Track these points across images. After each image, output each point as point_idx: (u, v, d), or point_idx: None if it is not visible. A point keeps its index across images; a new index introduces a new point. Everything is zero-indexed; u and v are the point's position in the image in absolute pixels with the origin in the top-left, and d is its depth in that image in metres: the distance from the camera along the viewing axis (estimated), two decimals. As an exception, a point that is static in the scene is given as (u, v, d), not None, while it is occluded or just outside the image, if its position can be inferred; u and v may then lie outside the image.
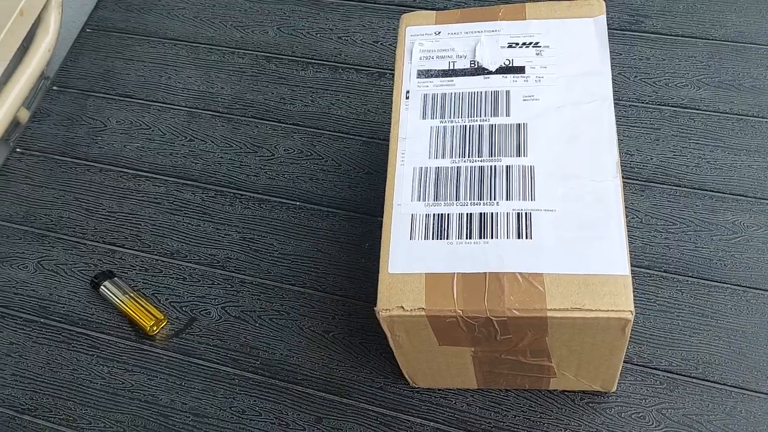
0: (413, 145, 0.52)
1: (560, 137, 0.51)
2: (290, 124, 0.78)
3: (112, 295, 0.69)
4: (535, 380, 0.56)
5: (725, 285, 0.61)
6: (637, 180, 0.67)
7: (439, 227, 0.49)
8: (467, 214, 0.49)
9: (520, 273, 0.46)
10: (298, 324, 0.66)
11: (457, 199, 0.50)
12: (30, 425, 0.64)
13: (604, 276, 0.45)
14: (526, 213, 0.48)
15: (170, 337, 0.67)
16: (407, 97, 0.54)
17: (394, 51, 0.80)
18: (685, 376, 0.58)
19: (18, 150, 0.82)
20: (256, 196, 0.74)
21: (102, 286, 0.70)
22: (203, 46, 0.85)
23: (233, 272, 0.70)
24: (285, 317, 0.66)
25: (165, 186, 0.76)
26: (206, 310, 0.68)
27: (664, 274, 0.63)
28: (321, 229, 0.71)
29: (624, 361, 0.57)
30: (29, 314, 0.70)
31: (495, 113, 0.52)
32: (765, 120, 0.69)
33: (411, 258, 0.48)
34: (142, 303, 0.69)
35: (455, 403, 0.60)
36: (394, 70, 0.80)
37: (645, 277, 0.62)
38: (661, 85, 0.72)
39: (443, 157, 0.52)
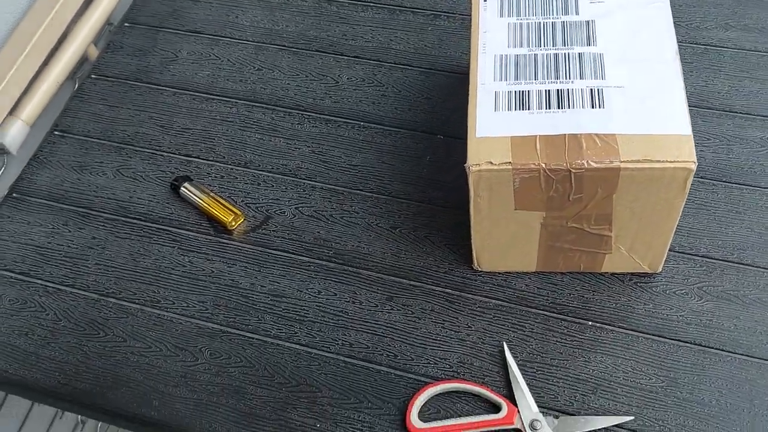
0: (493, 37, 0.60)
1: (624, 31, 0.59)
2: (352, 56, 0.85)
3: (191, 194, 0.75)
4: (590, 259, 0.63)
5: (755, 187, 0.69)
6: (671, 107, 0.76)
7: (521, 101, 0.57)
8: (545, 90, 0.57)
9: (595, 134, 0.54)
10: (366, 221, 0.72)
11: (536, 78, 0.57)
12: (114, 306, 0.69)
13: (669, 135, 0.53)
14: (598, 89, 0.56)
15: (247, 232, 0.73)
16: (485, 0, 0.62)
17: (449, -5, 0.89)
18: (721, 260, 0.65)
19: (92, 76, 0.88)
20: (323, 117, 0.81)
21: (182, 187, 0.76)
22: (269, -11, 0.92)
23: (304, 179, 0.76)
24: (354, 216, 0.73)
25: (236, 107, 0.83)
26: (280, 210, 0.74)
27: (701, 179, 0.70)
28: (384, 145, 0.78)
29: (668, 250, 0.64)
30: (110, 214, 0.76)
31: (565, 12, 0.60)
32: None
33: (496, 125, 0.55)
34: (220, 201, 0.75)
35: (515, 284, 0.66)
36: (448, 11, 0.89)
37: (682, 183, 0.70)
38: (693, 27, 0.81)
39: (521, 46, 0.59)
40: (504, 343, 0.63)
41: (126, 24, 0.93)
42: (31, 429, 0.94)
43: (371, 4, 0.90)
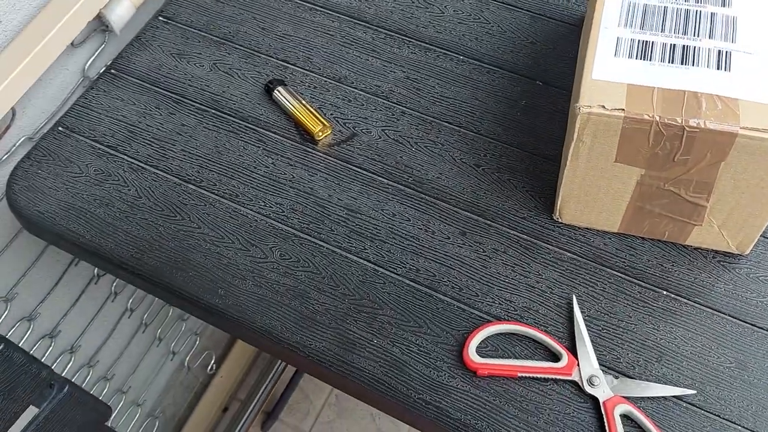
0: (625, -17, 0.58)
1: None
2: (463, -11, 0.84)
3: (284, 98, 0.76)
4: (677, 229, 0.61)
5: None
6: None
7: (643, 50, 0.55)
8: (671, 44, 0.55)
9: (717, 95, 0.52)
10: (450, 155, 0.72)
11: (662, 30, 0.55)
12: (194, 192, 0.71)
13: (795, 109, 0.51)
14: (726, 51, 0.54)
15: (332, 145, 0.73)
16: (624, -55, 0.60)
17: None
18: (813, 254, 0.63)
19: (200, -29, 0.88)
20: (423, 45, 0.79)
21: (276, 90, 0.76)
22: None
23: (395, 103, 0.76)
24: (439, 147, 0.72)
25: (338, 22, 0.82)
26: (367, 129, 0.74)
27: (805, 170, 0.68)
28: (481, 82, 0.76)
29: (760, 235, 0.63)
30: (201, 104, 0.77)
31: (706, -31, 0.58)
32: None
33: (614, 71, 0.54)
34: (311, 110, 0.75)
35: (593, 240, 0.65)
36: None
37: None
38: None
39: (652, -3, 0.57)
40: (573, 296, 0.63)
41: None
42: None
43: (489, -59, 0.87)
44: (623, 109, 0.52)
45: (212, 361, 1.39)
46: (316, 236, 0.68)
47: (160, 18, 0.84)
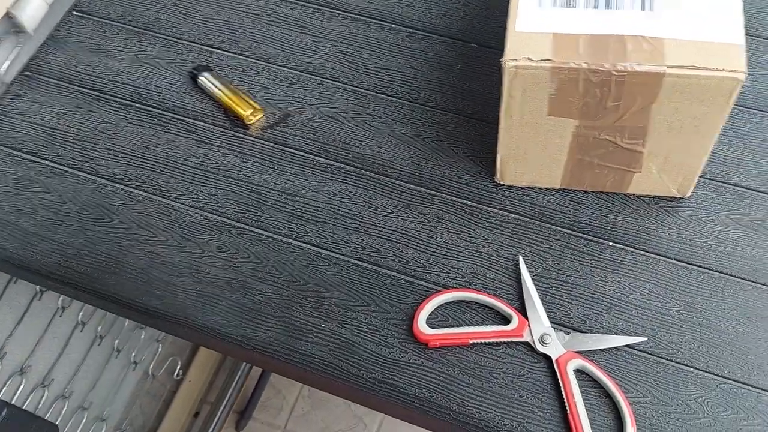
0: (542, -68, 0.56)
1: (683, -66, 0.55)
2: (387, -42, 0.81)
3: (210, 84, 0.73)
4: (618, 178, 0.61)
5: (797, 121, 0.67)
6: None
7: (566, -2, 0.53)
8: (593, -11, 0.53)
9: (642, 36, 0.51)
10: (389, 127, 0.70)
11: (584, -23, 0.54)
12: (122, 192, 0.68)
13: (720, 43, 0.50)
14: (648, -9, 0.53)
15: (264, 128, 0.71)
16: None
17: None
18: (752, 189, 0.63)
19: (115, -41, 0.84)
20: (353, 16, 0.77)
21: (201, 76, 0.73)
22: None
23: (328, 79, 0.73)
24: (377, 120, 0.70)
25: (263, 0, 0.79)
26: (301, 108, 0.71)
27: (741, 108, 0.67)
28: (415, 49, 0.74)
29: (698, 176, 0.62)
30: (125, 99, 0.74)
31: None
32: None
33: (538, 21, 0.52)
34: (240, 94, 0.72)
35: (536, 199, 0.64)
36: None
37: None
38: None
39: (571, -57, 0.56)
40: (520, 257, 0.62)
41: None
42: None
43: None
44: (549, 59, 0.51)
45: (178, 367, 1.36)
46: (254, 225, 0.65)
47: (75, 13, 0.81)
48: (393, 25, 0.76)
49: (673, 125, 0.54)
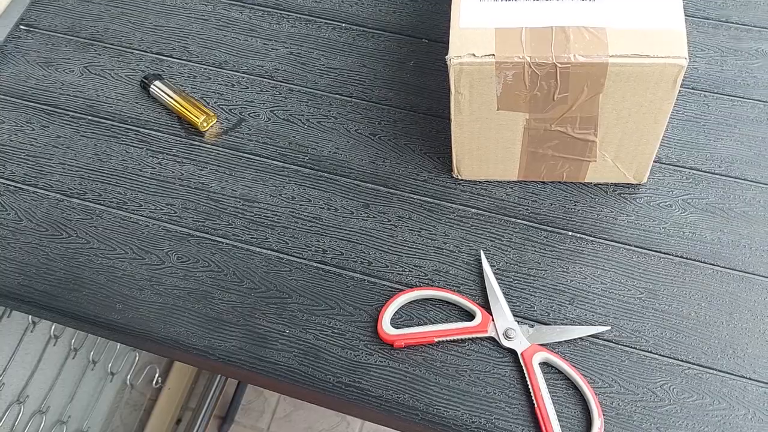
0: (483, -76, 0.56)
1: None
2: (336, -45, 0.80)
3: (162, 92, 0.72)
4: (574, 167, 0.61)
5: (747, 99, 0.66)
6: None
7: (509, -9, 0.53)
8: (535, -20, 0.53)
9: (584, 27, 0.50)
10: (345, 127, 0.69)
11: (526, -32, 0.54)
12: (78, 206, 0.67)
13: (661, 30, 0.50)
14: (590, -20, 0.52)
15: (219, 134, 0.70)
16: None
17: None
18: (708, 172, 0.63)
19: (61, -31, 0.83)
20: (303, 17, 0.76)
21: (152, 85, 0.72)
22: None
23: (281, 81, 0.72)
24: (332, 121, 0.70)
25: (212, 5, 0.78)
26: (255, 112, 0.71)
27: (693, 90, 0.67)
28: (366, 48, 0.74)
29: (654, 161, 0.62)
30: (76, 112, 0.72)
31: None
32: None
33: (481, 15, 0.52)
34: (193, 101, 0.71)
35: (495, 193, 0.64)
36: None
37: (674, 95, 0.68)
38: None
39: (512, -66, 0.55)
40: (481, 251, 0.62)
41: None
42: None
43: None
44: (493, 54, 0.51)
45: (156, 374, 1.35)
46: (213, 233, 0.65)
47: (22, 27, 0.79)
48: (344, 24, 0.76)
49: (622, 113, 0.54)
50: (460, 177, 0.64)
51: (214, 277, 0.62)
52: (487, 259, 0.61)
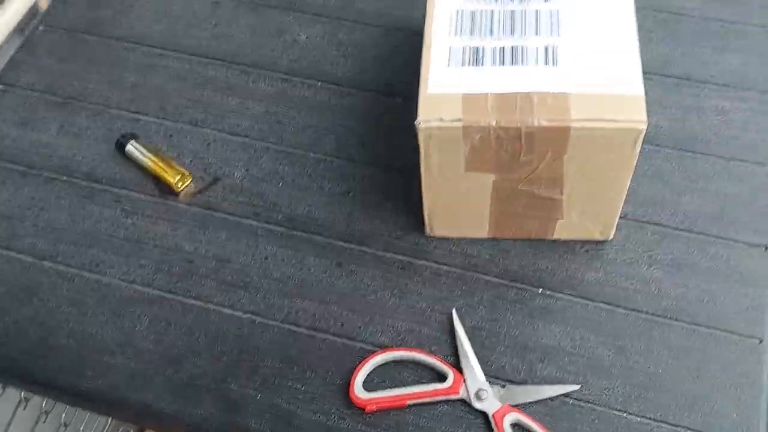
0: (449, -7, 0.58)
1: (582, -7, 0.57)
2: (312, 14, 0.82)
3: (138, 152, 0.72)
4: (542, 225, 0.62)
5: (709, 156, 0.68)
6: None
7: (474, 57, 0.55)
8: (500, 47, 0.55)
9: (547, 92, 0.52)
10: (319, 185, 0.70)
11: (491, 34, 0.55)
12: (50, 270, 0.66)
13: (621, 95, 0.52)
14: (552, 46, 0.54)
15: (194, 194, 0.70)
16: (443, -45, 0.60)
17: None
18: (673, 228, 0.64)
19: (41, 28, 0.84)
20: (279, 76, 0.78)
21: (128, 145, 0.73)
22: (226, -54, 0.89)
23: (256, 140, 0.73)
24: (307, 179, 0.70)
25: (190, 64, 0.79)
26: (230, 171, 0.71)
27: (657, 147, 0.69)
28: (342, 106, 0.75)
29: (620, 217, 0.63)
30: (51, 172, 0.73)
31: (524, -30, 0.58)
32: (745, 26, 0.76)
33: (448, 81, 0.54)
34: (167, 160, 0.72)
35: (466, 250, 0.65)
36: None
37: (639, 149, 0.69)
38: (656, -5, 0.80)
39: (477, 1, 0.57)
40: (453, 310, 0.62)
41: (76, -23, 0.89)
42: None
43: (333, -37, 0.87)
44: (460, 119, 0.52)
45: (131, 433, 1.33)
46: (185, 295, 0.64)
47: (-1, 86, 0.80)
48: (320, 83, 0.77)
49: (586, 174, 0.55)
50: (432, 235, 0.65)
51: (185, 340, 0.62)
52: (459, 317, 0.61)
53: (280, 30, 0.81)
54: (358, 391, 0.57)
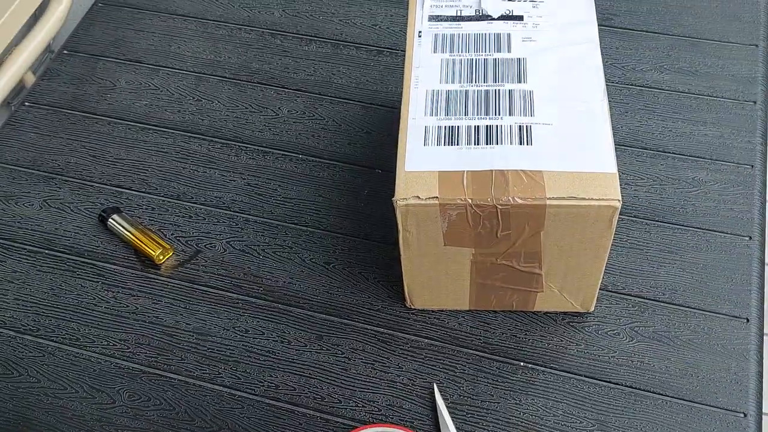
0: (426, 72, 0.59)
1: (555, 69, 0.59)
2: (293, 89, 0.84)
3: (119, 226, 0.72)
4: (522, 298, 0.62)
5: (687, 227, 0.69)
6: (609, 145, 0.76)
7: (450, 136, 0.56)
8: (474, 126, 0.56)
9: (522, 170, 0.53)
10: (300, 256, 0.70)
11: (466, 114, 0.57)
12: (30, 344, 0.66)
13: (595, 173, 0.53)
14: (526, 125, 0.55)
15: (175, 267, 0.70)
16: (419, 36, 0.62)
17: (392, 33, 0.89)
18: (653, 300, 0.65)
19: (26, 104, 0.85)
20: (261, 149, 0.79)
21: (110, 219, 0.73)
22: (212, 21, 0.91)
23: (238, 212, 0.74)
24: (288, 251, 0.71)
25: (172, 138, 0.80)
26: (211, 243, 0.72)
27: (634, 218, 0.70)
28: (322, 178, 0.76)
29: (600, 289, 0.64)
30: (34, 246, 0.73)
31: (498, 50, 0.60)
32: (718, 99, 0.79)
33: (425, 160, 0.54)
34: (150, 234, 0.72)
35: (448, 322, 0.65)
36: (392, 47, 0.89)
37: (618, 221, 0.69)
38: (629, 69, 0.82)
39: (452, 82, 0.59)
40: (434, 384, 0.61)
41: (66, 52, 0.90)
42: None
43: (315, 38, 0.89)
44: (437, 197, 0.53)
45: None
46: (165, 369, 0.64)
47: (-17, 161, 0.81)
48: (300, 156, 0.78)
49: (563, 248, 0.56)
50: (413, 306, 0.65)
51: (165, 415, 0.61)
52: (441, 392, 0.60)
53: (261, 104, 0.83)
54: (338, 470, 0.56)
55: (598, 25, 0.87)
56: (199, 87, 0.85)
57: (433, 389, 0.61)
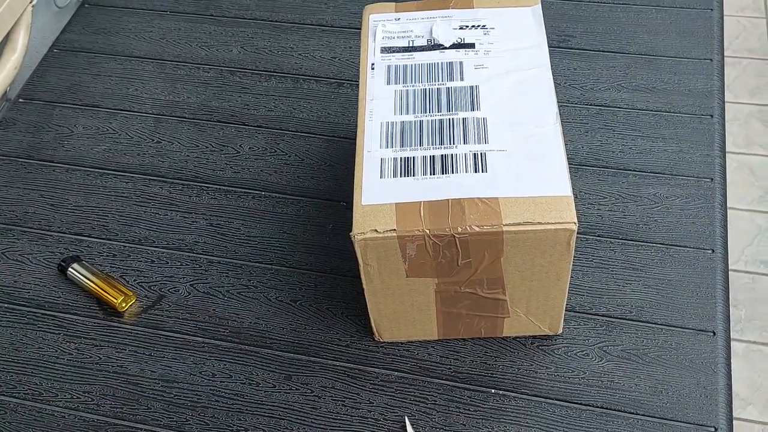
0: (380, 104, 0.59)
1: (508, 95, 0.59)
2: (254, 126, 0.83)
3: (79, 275, 0.71)
4: (490, 324, 0.61)
5: (650, 244, 0.69)
6: (571, 164, 0.76)
7: (406, 167, 0.56)
8: (430, 156, 0.56)
9: (478, 198, 0.53)
10: (265, 295, 0.69)
11: (421, 145, 0.57)
12: (-9, 402, 0.64)
13: (550, 197, 0.53)
14: (481, 153, 0.55)
15: (138, 313, 0.69)
16: (372, 68, 0.62)
17: (352, 65, 0.89)
18: (621, 318, 0.65)
19: (-18, 155, 0.84)
20: (222, 188, 0.78)
21: (70, 268, 0.71)
22: (169, 62, 0.91)
23: (201, 254, 0.73)
24: (253, 290, 0.70)
25: (132, 182, 0.79)
26: (174, 287, 0.70)
27: (599, 238, 0.70)
28: (286, 214, 0.75)
29: (567, 310, 0.64)
30: (-8, 300, 0.71)
31: (451, 78, 0.60)
32: (676, 114, 0.80)
33: (381, 192, 0.54)
34: (110, 281, 0.70)
35: (417, 353, 0.64)
36: (352, 79, 0.89)
37: (582, 241, 0.70)
38: (587, 89, 0.83)
39: (407, 113, 0.59)
40: (406, 418, 0.60)
41: (21, 100, 0.89)
42: None
43: (275, 74, 0.89)
44: (395, 229, 0.52)
45: None
46: (131, 419, 0.62)
47: (-62, 215, 0.79)
48: (263, 193, 0.78)
49: (524, 273, 0.56)
50: (381, 339, 0.64)
51: (131, 469, 0.60)
52: (412, 424, 0.59)
53: (222, 143, 0.82)
54: None
55: (555, 47, 0.89)
56: (158, 129, 0.85)
57: (405, 423, 0.60)
